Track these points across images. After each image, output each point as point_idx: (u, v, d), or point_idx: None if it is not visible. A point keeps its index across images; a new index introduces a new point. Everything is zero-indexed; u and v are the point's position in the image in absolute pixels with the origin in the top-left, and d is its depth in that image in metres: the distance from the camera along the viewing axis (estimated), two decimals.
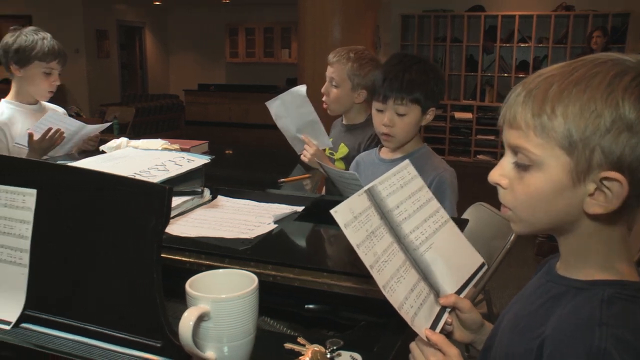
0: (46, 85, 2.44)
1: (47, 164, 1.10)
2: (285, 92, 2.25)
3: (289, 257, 1.27)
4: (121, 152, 1.83)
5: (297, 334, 1.10)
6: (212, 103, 13.77)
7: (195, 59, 14.45)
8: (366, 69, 2.35)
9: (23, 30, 2.42)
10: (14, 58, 2.39)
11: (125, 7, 13.15)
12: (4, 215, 1.06)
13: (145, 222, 0.94)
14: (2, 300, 1.04)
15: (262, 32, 13.71)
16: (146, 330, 0.94)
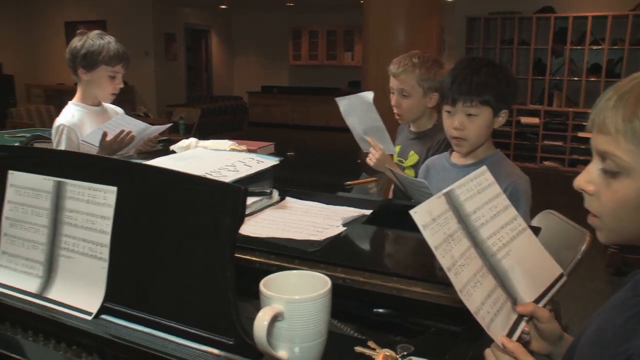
0: (110, 88, 2.52)
1: (128, 162, 1.14)
2: (354, 95, 2.25)
3: (358, 260, 1.27)
4: (192, 152, 1.87)
5: (364, 337, 1.10)
6: (275, 105, 13.92)
7: (259, 61, 14.65)
8: (433, 70, 2.32)
9: (89, 35, 2.50)
10: (82, 62, 2.47)
11: (192, 10, 13.47)
12: (86, 211, 1.10)
13: (220, 222, 0.96)
14: (84, 291, 1.09)
15: (325, 34, 13.78)
16: (219, 327, 0.96)
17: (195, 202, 1.00)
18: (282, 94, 14.07)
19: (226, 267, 0.95)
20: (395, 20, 5.61)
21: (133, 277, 1.07)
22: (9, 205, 1.21)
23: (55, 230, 1.14)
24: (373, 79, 5.54)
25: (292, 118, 13.64)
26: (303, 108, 13.59)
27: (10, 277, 1.19)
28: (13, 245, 1.20)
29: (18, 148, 1.44)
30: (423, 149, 2.34)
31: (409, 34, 5.57)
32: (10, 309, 1.14)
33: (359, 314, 1.21)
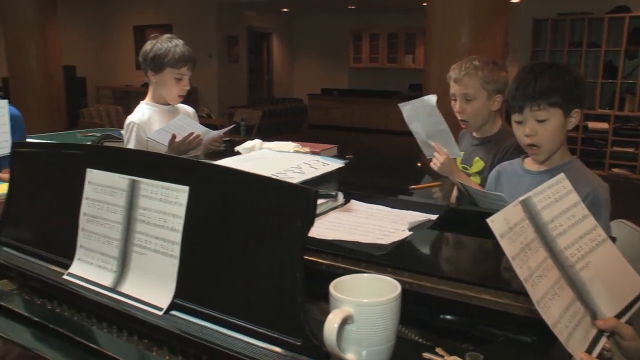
0: (177, 90, 2.59)
1: (201, 162, 1.16)
2: (417, 99, 2.23)
3: (425, 265, 1.26)
4: (258, 153, 1.90)
5: (429, 343, 1.08)
6: (335, 107, 13.95)
7: (319, 64, 14.72)
8: (495, 72, 2.28)
9: (160, 38, 2.58)
10: (150, 65, 2.56)
11: (255, 14, 13.66)
12: (159, 209, 1.13)
13: (291, 223, 0.97)
14: (155, 287, 1.12)
15: (386, 37, 13.74)
16: (287, 328, 0.96)
17: (266, 203, 1.01)
18: (342, 96, 14.09)
19: (295, 269, 0.96)
20: (459, 22, 5.53)
21: (203, 275, 1.09)
22: (87, 201, 1.26)
23: (129, 227, 1.18)
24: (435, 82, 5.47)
25: (352, 121, 13.63)
26: (363, 111, 13.57)
27: (86, 271, 1.24)
28: (89, 240, 1.25)
29: (96, 147, 1.49)
30: (488, 155, 2.30)
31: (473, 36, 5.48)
32: (86, 300, 1.19)
33: (424, 319, 1.20)
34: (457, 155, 2.25)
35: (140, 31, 13.18)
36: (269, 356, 0.95)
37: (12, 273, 1.37)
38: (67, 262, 1.29)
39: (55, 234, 1.38)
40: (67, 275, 1.26)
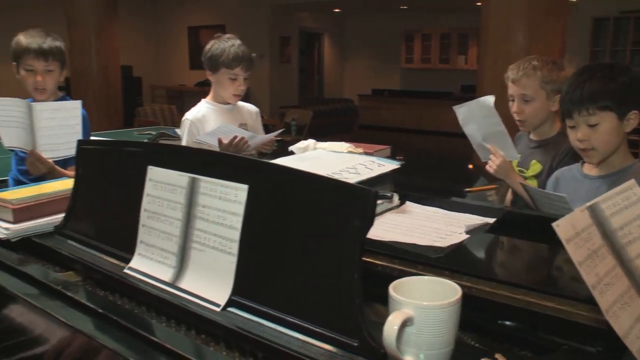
0: (232, 89, 2.62)
1: (260, 162, 1.17)
2: (473, 101, 2.20)
3: (483, 269, 1.24)
4: (313, 153, 1.90)
5: (486, 348, 1.07)
6: (385, 108, 13.89)
7: (370, 65, 14.68)
8: (555, 72, 2.23)
9: (220, 38, 2.62)
10: (207, 64, 2.61)
11: (307, 14, 13.72)
12: (218, 207, 1.15)
13: (350, 223, 0.96)
14: (213, 284, 1.13)
15: (438, 38, 13.61)
16: (343, 328, 0.96)
17: (325, 203, 1.01)
18: (393, 97, 14.02)
19: (353, 269, 0.95)
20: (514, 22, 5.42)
21: (260, 273, 1.10)
22: (148, 198, 1.29)
23: (188, 224, 1.20)
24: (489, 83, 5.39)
25: (402, 122, 13.54)
26: (414, 112, 13.47)
27: (146, 265, 1.27)
28: (150, 236, 1.28)
29: (157, 145, 1.52)
30: (547, 158, 2.25)
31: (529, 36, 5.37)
32: (146, 294, 1.22)
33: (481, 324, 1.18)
34: (514, 158, 2.21)
35: (194, 32, 13.45)
36: (325, 356, 0.95)
37: (76, 265, 1.41)
38: (128, 257, 1.33)
39: (117, 228, 1.41)
40: (128, 269, 1.30)
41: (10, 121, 2.19)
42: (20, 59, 2.35)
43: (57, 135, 2.20)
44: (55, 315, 1.21)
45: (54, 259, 1.47)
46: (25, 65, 2.34)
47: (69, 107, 2.24)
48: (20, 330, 1.38)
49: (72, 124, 2.21)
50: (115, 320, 1.13)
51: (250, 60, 2.63)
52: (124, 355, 1.04)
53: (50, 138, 2.19)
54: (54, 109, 2.20)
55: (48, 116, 2.18)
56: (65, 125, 2.20)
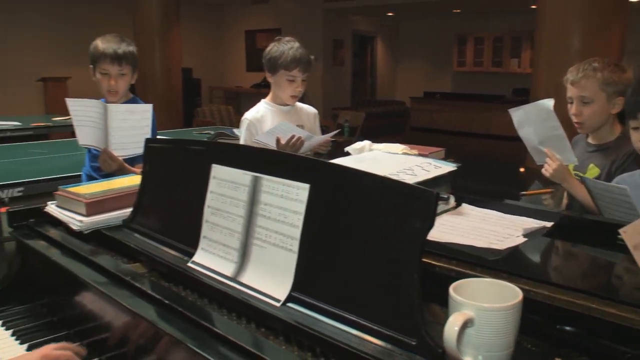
0: (290, 91, 2.63)
1: (322, 162, 1.17)
2: (531, 104, 2.15)
3: (542, 273, 1.21)
4: (370, 154, 1.90)
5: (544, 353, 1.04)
6: (437, 110, 13.73)
7: (422, 68, 14.54)
8: (616, 73, 2.15)
9: (281, 40, 2.64)
10: (267, 66, 2.63)
11: (361, 18, 13.69)
12: (279, 205, 1.16)
13: (411, 224, 0.96)
14: (273, 279, 1.14)
15: (491, 41, 13.36)
16: (402, 327, 0.95)
17: (386, 203, 1.01)
18: (444, 100, 13.85)
19: (413, 269, 0.95)
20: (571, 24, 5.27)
21: (320, 271, 1.10)
22: (211, 195, 1.31)
23: (250, 221, 1.21)
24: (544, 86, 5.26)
25: (454, 124, 13.36)
26: (465, 115, 13.27)
27: (209, 260, 1.29)
28: (212, 232, 1.30)
29: (221, 144, 1.54)
30: (605, 162, 2.17)
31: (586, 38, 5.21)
32: (208, 287, 1.23)
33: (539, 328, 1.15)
34: (571, 162, 2.14)
35: (251, 35, 13.61)
36: (383, 353, 0.95)
37: (142, 257, 1.45)
38: (191, 251, 1.35)
39: (181, 223, 1.44)
40: (191, 263, 1.32)
41: (87, 121, 2.27)
42: (96, 63, 2.43)
43: (128, 135, 2.27)
44: (123, 304, 1.25)
45: (122, 251, 1.52)
46: (100, 69, 2.42)
47: (140, 110, 2.31)
48: (90, 316, 1.43)
49: (142, 125, 2.27)
50: (179, 311, 1.15)
51: (308, 62, 2.63)
52: (187, 344, 1.06)
53: (122, 137, 2.26)
54: (126, 111, 2.27)
55: (121, 117, 2.25)
56: (136, 126, 2.27)
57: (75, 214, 1.64)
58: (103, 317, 1.38)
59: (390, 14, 13.83)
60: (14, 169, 3.92)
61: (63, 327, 1.54)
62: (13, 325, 1.59)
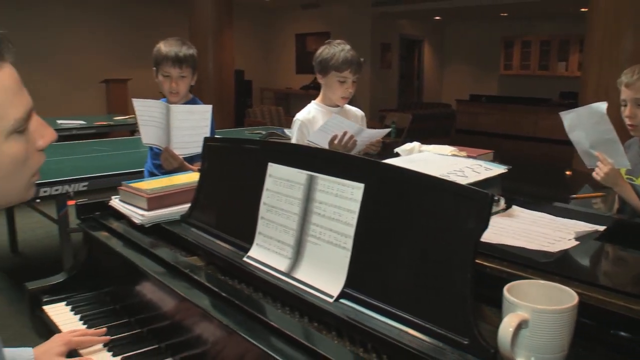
0: (340, 92, 2.62)
1: (376, 162, 1.16)
2: (583, 107, 2.09)
3: (595, 276, 1.17)
4: (420, 155, 1.88)
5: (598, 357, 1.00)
6: (482, 113, 13.51)
7: (469, 71, 14.33)
8: None
9: (332, 43, 2.64)
10: (318, 67, 2.63)
11: (408, 22, 13.59)
12: (334, 204, 1.15)
13: (465, 225, 0.94)
14: (327, 276, 1.14)
15: (538, 44, 13.05)
16: (454, 326, 0.94)
17: (440, 204, 1.00)
18: (490, 102, 13.60)
19: (467, 270, 0.93)
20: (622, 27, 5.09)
21: (373, 268, 1.09)
22: (267, 192, 1.32)
23: (305, 218, 1.22)
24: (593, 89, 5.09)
25: (499, 127, 13.11)
26: (511, 117, 13.00)
27: (264, 255, 1.30)
28: (268, 228, 1.31)
29: (278, 143, 1.55)
30: None
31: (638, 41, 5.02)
32: (263, 281, 1.25)
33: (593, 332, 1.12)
34: (624, 166, 2.07)
35: (301, 38, 13.67)
36: (434, 351, 0.93)
37: (199, 251, 1.47)
38: (246, 246, 1.36)
39: (237, 219, 1.46)
40: (247, 257, 1.33)
41: (150, 120, 2.33)
42: (159, 66, 2.49)
43: (189, 134, 2.31)
44: (182, 294, 1.27)
45: (180, 244, 1.54)
46: (163, 71, 2.48)
47: (200, 111, 2.35)
48: (150, 305, 1.46)
49: (202, 125, 2.31)
50: (236, 304, 1.17)
51: (359, 64, 2.63)
52: (242, 334, 1.07)
53: (182, 137, 2.31)
54: (187, 111, 2.32)
55: (182, 117, 2.29)
56: (196, 126, 2.31)
57: (137, 208, 1.68)
58: (162, 307, 1.41)
59: (437, 18, 13.67)
60: (79, 165, 4.05)
61: (124, 314, 1.58)
62: (80, 310, 1.64)
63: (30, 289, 1.74)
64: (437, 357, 0.91)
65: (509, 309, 0.84)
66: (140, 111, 2.35)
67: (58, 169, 3.72)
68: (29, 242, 4.99)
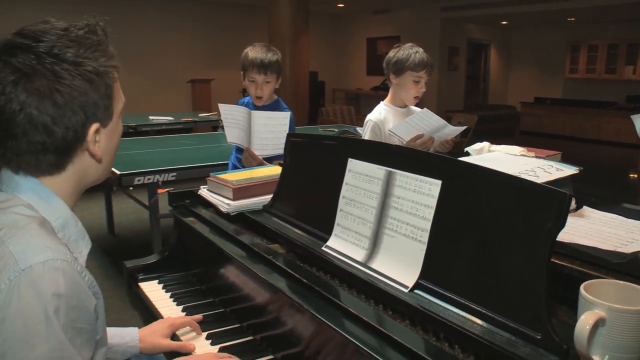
0: (414, 92, 2.60)
1: (454, 160, 1.14)
2: None
3: None
4: (491, 155, 1.83)
5: None
6: (547, 116, 13.00)
7: (534, 74, 13.83)
8: None
9: (402, 46, 2.62)
10: (392, 68, 2.61)
11: (476, 26, 13.26)
12: (411, 199, 1.14)
13: (542, 223, 0.91)
14: (403, 267, 1.13)
15: (605, 48, 12.39)
16: (528, 320, 0.91)
17: (518, 202, 0.97)
18: (555, 105, 13.06)
19: (542, 267, 0.90)
20: None
21: (448, 262, 1.07)
22: (346, 186, 1.33)
23: (382, 212, 1.21)
24: None
25: (562, 129, 12.58)
26: (575, 120, 12.45)
27: (341, 245, 1.30)
28: (346, 220, 1.31)
29: (358, 140, 1.56)
30: None
31: None
32: (340, 270, 1.25)
33: None
34: None
35: (372, 42, 13.60)
36: (506, 344, 0.91)
37: (280, 239, 1.50)
38: (324, 236, 1.37)
39: (316, 211, 1.47)
40: (325, 247, 1.34)
41: (234, 123, 2.40)
42: (246, 71, 2.54)
43: (267, 138, 2.36)
44: (264, 278, 1.30)
45: (262, 232, 1.57)
46: (249, 76, 2.53)
47: (279, 117, 2.38)
48: (233, 287, 1.50)
49: (280, 130, 2.35)
50: (315, 289, 1.18)
51: (432, 66, 2.61)
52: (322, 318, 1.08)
53: (262, 140, 2.36)
54: (267, 117, 2.36)
55: (262, 122, 2.34)
56: (274, 131, 2.35)
57: (223, 198, 1.73)
58: (244, 289, 1.44)
59: (504, 23, 13.25)
60: (168, 157, 4.19)
61: (209, 295, 1.63)
62: (171, 289, 1.71)
63: (128, 267, 1.82)
64: (510, 350, 0.89)
65: (585, 307, 0.81)
66: (225, 114, 2.42)
67: (149, 160, 3.87)
68: (123, 225, 5.23)
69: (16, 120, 0.88)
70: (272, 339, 1.31)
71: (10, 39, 0.90)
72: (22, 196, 0.93)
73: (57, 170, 0.96)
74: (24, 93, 0.87)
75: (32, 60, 0.88)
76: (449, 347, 0.98)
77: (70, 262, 0.85)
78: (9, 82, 0.87)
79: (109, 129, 1.00)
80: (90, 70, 0.92)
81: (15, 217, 0.88)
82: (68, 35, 0.92)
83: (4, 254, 0.82)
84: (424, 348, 0.96)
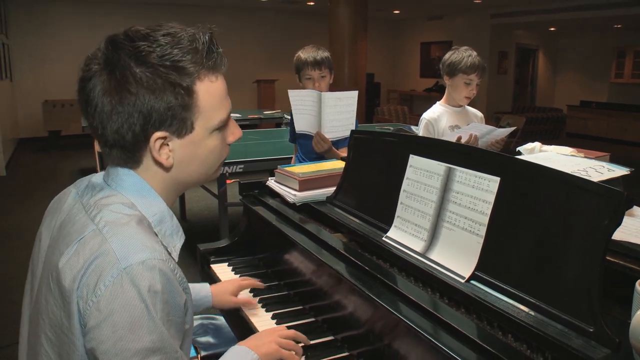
0: (465, 93, 2.54)
1: (513, 158, 1.12)
2: None
3: None
4: (544, 155, 1.77)
5: None
6: (592, 119, 12.44)
7: (580, 78, 13.26)
8: None
9: (458, 49, 2.56)
10: (446, 70, 2.56)
11: (524, 32, 12.83)
12: (470, 194, 1.13)
13: (599, 221, 0.88)
14: (459, 259, 1.12)
15: None
16: (581, 314, 0.89)
17: (575, 200, 0.94)
18: (600, 109, 12.49)
19: (597, 263, 0.87)
20: None
21: (504, 255, 1.05)
22: (407, 181, 1.32)
23: (441, 206, 1.20)
24: None
25: (606, 132, 12.02)
26: (619, 124, 11.87)
27: (401, 236, 1.30)
28: (406, 213, 1.30)
29: (420, 137, 1.54)
30: None
31: None
32: (400, 259, 1.25)
33: None
34: None
35: (426, 46, 13.38)
36: (559, 334, 0.89)
37: (343, 229, 1.50)
38: (384, 227, 1.37)
39: (377, 203, 1.46)
40: (385, 237, 1.34)
41: (303, 108, 2.37)
42: (301, 71, 2.53)
43: (337, 119, 2.32)
44: (328, 265, 1.30)
45: (326, 222, 1.57)
46: (305, 75, 2.51)
47: (348, 96, 2.33)
48: (297, 272, 1.51)
49: (349, 110, 2.31)
50: (376, 276, 1.18)
51: (484, 69, 2.55)
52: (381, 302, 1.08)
53: (332, 121, 2.31)
54: (337, 98, 2.32)
55: (332, 103, 2.30)
56: (344, 112, 2.31)
57: (290, 189, 1.74)
58: (307, 274, 1.45)
59: (552, 29, 12.75)
60: (236, 150, 4.27)
61: (275, 278, 1.65)
62: (239, 271, 1.73)
63: (201, 249, 1.86)
64: (562, 340, 0.87)
65: None
66: (294, 100, 2.38)
67: None
68: (194, 211, 5.38)
69: (95, 111, 0.88)
70: (333, 321, 1.31)
71: (118, 34, 0.90)
72: (125, 194, 0.92)
73: (133, 165, 0.93)
74: (100, 85, 0.86)
75: (114, 57, 0.86)
76: (502, 336, 0.96)
77: (165, 260, 0.85)
78: (95, 72, 0.87)
79: (189, 141, 0.92)
80: (163, 79, 0.86)
81: (117, 216, 0.88)
82: (159, 41, 0.88)
83: (107, 251, 0.82)
84: (477, 334, 0.95)
